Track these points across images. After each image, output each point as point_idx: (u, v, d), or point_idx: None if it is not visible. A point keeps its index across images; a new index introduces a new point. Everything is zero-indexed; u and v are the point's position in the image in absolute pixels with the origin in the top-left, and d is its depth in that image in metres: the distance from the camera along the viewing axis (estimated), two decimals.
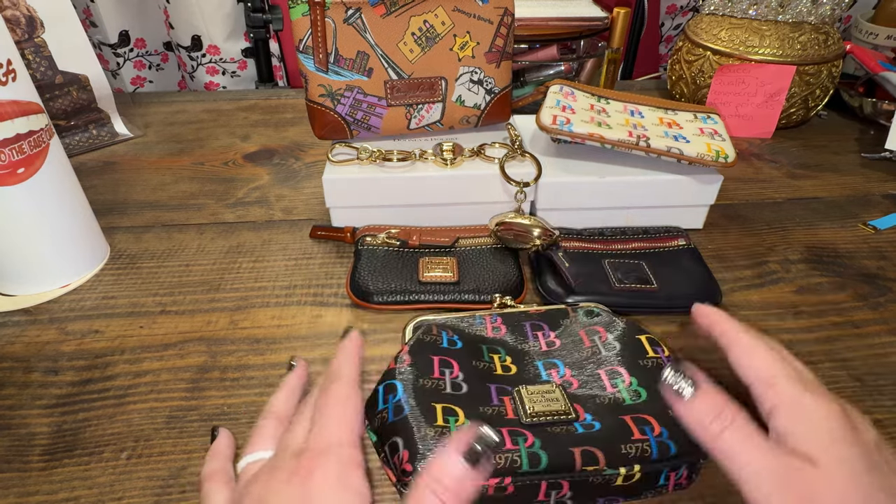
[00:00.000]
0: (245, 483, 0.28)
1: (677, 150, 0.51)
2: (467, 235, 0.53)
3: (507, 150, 0.55)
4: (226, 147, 0.73)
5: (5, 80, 0.42)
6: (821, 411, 0.24)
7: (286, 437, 0.29)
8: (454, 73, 0.54)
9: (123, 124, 0.76)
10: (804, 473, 0.23)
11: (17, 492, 0.34)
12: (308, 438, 0.28)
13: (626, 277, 0.48)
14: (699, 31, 0.76)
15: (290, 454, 0.27)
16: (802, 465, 0.23)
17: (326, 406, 0.29)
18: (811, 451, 0.23)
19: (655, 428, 0.32)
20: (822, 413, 0.24)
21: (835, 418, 0.24)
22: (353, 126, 0.55)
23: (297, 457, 0.27)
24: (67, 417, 0.39)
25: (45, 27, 0.65)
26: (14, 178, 0.44)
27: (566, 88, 0.60)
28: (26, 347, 0.44)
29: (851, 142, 0.76)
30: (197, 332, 0.45)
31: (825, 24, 0.72)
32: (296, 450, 0.27)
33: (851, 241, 0.57)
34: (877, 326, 0.47)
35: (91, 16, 0.97)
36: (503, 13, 0.54)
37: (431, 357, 0.37)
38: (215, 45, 0.98)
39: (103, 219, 0.55)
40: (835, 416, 0.24)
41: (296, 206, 0.61)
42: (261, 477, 0.27)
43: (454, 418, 0.32)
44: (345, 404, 0.29)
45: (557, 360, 0.39)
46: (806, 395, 0.25)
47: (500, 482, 0.30)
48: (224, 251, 0.54)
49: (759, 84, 0.72)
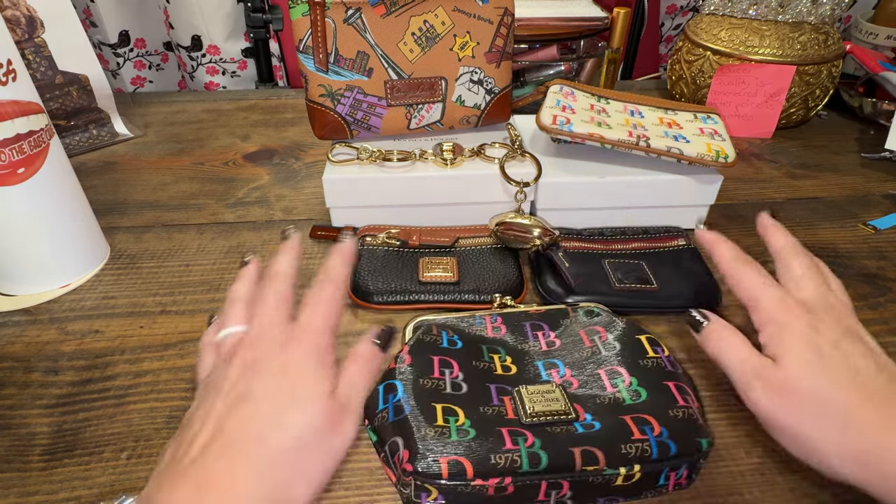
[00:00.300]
0: (232, 347, 0.33)
1: (677, 150, 0.51)
2: (467, 235, 0.53)
3: (507, 150, 0.55)
4: (226, 147, 0.73)
5: (5, 80, 0.42)
6: (788, 326, 0.33)
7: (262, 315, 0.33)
8: (454, 73, 0.54)
9: (123, 124, 0.76)
10: (773, 369, 0.32)
11: (18, 492, 0.34)
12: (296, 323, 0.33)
13: (626, 277, 0.48)
14: (699, 31, 0.76)
15: (277, 330, 0.32)
16: (773, 364, 0.32)
17: (318, 300, 0.33)
18: (778, 354, 0.33)
19: (655, 428, 0.32)
20: (790, 327, 0.33)
21: (798, 329, 0.33)
22: (353, 126, 0.55)
23: (283, 332, 0.32)
24: (68, 417, 0.39)
25: (45, 27, 0.65)
26: (14, 178, 0.44)
27: (566, 88, 0.60)
28: (26, 347, 0.44)
29: (851, 142, 0.76)
30: (197, 332, 0.45)
31: (825, 24, 0.72)
32: (280, 326, 0.32)
33: (851, 241, 0.57)
34: (877, 326, 0.47)
35: (91, 16, 0.97)
36: (503, 13, 0.54)
37: (431, 357, 0.37)
38: (215, 45, 0.98)
39: (103, 219, 0.55)
40: (798, 328, 0.33)
41: (296, 206, 0.61)
42: (246, 343, 0.32)
43: (454, 418, 0.32)
44: (331, 303, 0.34)
45: (557, 360, 0.39)
46: (779, 314, 0.34)
47: (500, 482, 0.30)
48: (224, 251, 0.54)
49: (759, 84, 0.72)
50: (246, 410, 0.29)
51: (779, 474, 0.35)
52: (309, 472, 0.29)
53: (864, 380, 0.31)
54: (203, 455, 0.28)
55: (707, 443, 0.32)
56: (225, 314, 0.36)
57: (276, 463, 0.28)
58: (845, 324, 0.34)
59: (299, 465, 0.29)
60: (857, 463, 0.30)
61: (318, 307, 0.33)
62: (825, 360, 0.32)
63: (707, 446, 0.32)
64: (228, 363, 0.32)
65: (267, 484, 0.27)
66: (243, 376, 0.30)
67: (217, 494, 0.26)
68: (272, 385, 0.30)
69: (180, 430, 0.30)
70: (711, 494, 0.34)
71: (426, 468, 0.30)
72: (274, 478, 0.28)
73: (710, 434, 0.33)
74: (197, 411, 0.31)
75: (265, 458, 0.28)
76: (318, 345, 0.32)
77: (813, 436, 0.31)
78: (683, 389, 0.35)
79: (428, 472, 0.30)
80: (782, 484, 0.35)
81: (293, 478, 0.28)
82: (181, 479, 0.27)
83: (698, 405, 0.36)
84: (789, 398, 0.32)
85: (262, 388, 0.30)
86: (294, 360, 0.31)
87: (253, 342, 0.32)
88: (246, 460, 0.27)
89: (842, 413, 0.30)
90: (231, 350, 0.33)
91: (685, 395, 0.35)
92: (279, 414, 0.29)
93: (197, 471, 0.27)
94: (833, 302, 0.36)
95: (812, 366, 0.32)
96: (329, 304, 0.34)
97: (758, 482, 0.35)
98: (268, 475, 0.28)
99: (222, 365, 0.32)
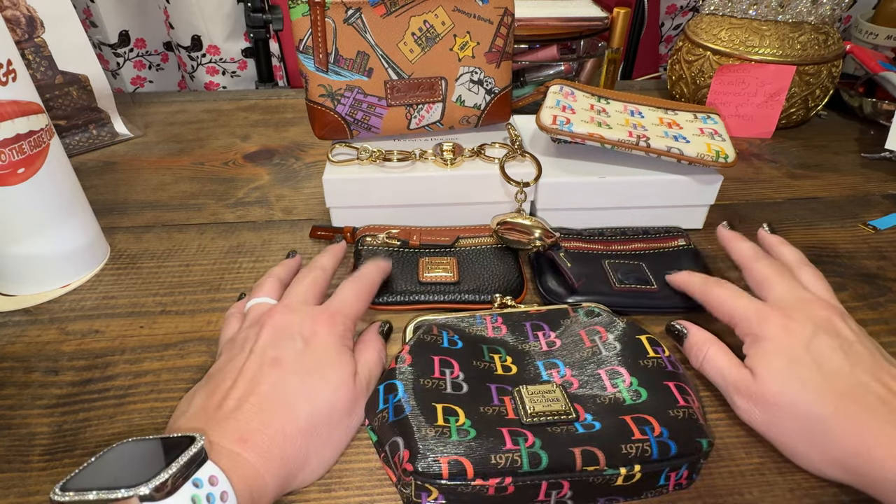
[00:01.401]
0: (260, 315, 0.35)
1: (677, 150, 0.51)
2: (467, 235, 0.53)
3: (507, 150, 0.55)
4: (226, 147, 0.73)
5: (5, 80, 0.42)
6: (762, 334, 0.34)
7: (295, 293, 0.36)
8: (454, 73, 0.54)
9: (123, 124, 0.76)
10: (750, 383, 0.34)
11: (18, 492, 0.34)
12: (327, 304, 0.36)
13: (626, 278, 0.48)
14: (699, 31, 0.76)
15: (307, 309, 0.35)
16: (750, 378, 0.34)
17: (350, 291, 0.37)
18: (754, 366, 0.34)
19: (656, 428, 0.32)
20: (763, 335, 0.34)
21: (770, 335, 0.34)
22: (353, 126, 0.55)
23: (311, 312, 0.34)
24: (68, 417, 0.39)
25: (45, 27, 0.65)
26: (14, 178, 0.44)
27: (566, 88, 0.60)
28: (27, 347, 0.44)
29: (851, 142, 0.76)
30: (197, 332, 0.45)
31: (825, 24, 0.72)
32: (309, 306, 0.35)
33: (851, 241, 0.57)
34: (877, 326, 0.47)
35: (91, 16, 0.97)
36: (503, 13, 0.54)
37: (432, 357, 0.37)
38: (215, 45, 0.98)
39: (103, 219, 0.55)
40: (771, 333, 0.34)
41: (296, 206, 0.61)
42: (280, 309, 0.34)
43: (454, 418, 0.32)
44: (361, 297, 0.37)
45: (558, 360, 0.39)
46: (757, 327, 0.35)
47: (500, 482, 0.30)
48: (224, 251, 0.54)
49: (759, 84, 0.72)
50: (277, 377, 0.31)
51: (779, 474, 0.35)
52: (326, 446, 0.31)
53: (835, 384, 0.31)
54: (239, 409, 0.29)
55: (707, 443, 0.32)
56: (258, 286, 0.39)
57: (302, 432, 0.30)
58: (817, 316, 0.34)
59: (320, 438, 0.31)
60: (843, 468, 0.31)
61: (347, 296, 0.37)
62: (797, 368, 0.32)
63: (707, 446, 0.32)
64: (259, 327, 0.34)
65: (292, 448, 0.29)
66: (273, 344, 0.32)
67: (255, 448, 0.28)
68: (300, 359, 0.32)
69: (206, 381, 0.32)
70: (711, 494, 0.34)
71: (426, 468, 0.30)
72: (298, 445, 0.30)
73: (710, 434, 0.33)
74: (227, 366, 0.32)
75: (294, 424, 0.30)
76: (342, 329, 0.34)
77: (797, 446, 0.32)
78: (684, 389, 0.35)
79: (428, 472, 0.30)
80: (782, 484, 0.35)
81: (312, 448, 0.30)
82: (220, 428, 0.28)
83: (698, 405, 0.36)
84: (768, 412, 0.32)
85: (291, 360, 0.32)
86: (320, 339, 0.33)
87: (282, 314, 0.34)
88: (279, 422, 0.29)
89: (818, 423, 0.31)
90: (259, 318, 0.34)
91: (685, 395, 0.35)
92: (308, 389, 0.31)
93: (238, 422, 0.29)
94: (803, 295, 0.36)
95: (784, 376, 0.32)
96: (358, 294, 0.37)
97: (758, 482, 0.35)
98: (293, 441, 0.29)
99: (250, 328, 0.34)
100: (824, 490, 0.34)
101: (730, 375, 0.35)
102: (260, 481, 0.28)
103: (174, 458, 0.24)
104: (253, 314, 0.36)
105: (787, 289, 0.36)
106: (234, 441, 0.28)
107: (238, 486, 0.26)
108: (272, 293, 0.38)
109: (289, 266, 0.42)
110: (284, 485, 0.30)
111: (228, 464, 0.26)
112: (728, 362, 0.35)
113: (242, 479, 0.27)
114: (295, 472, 0.30)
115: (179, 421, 0.30)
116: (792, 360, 0.33)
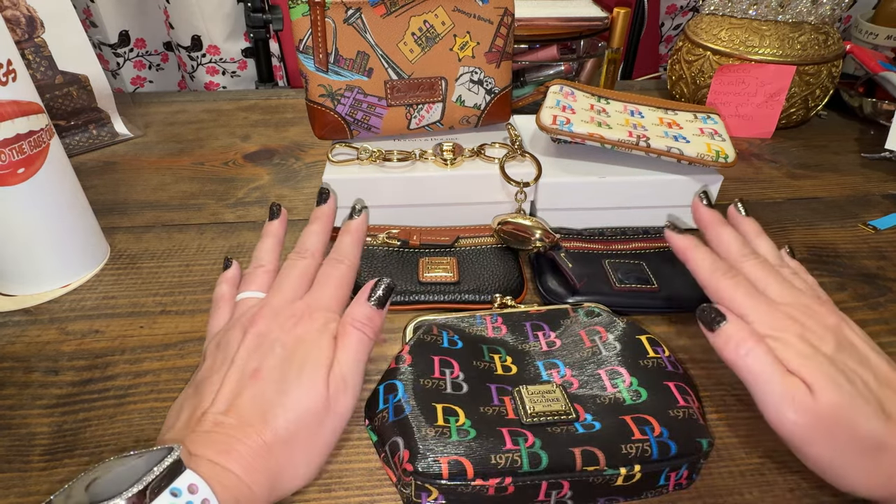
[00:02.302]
0: (246, 312, 0.35)
1: (677, 151, 0.51)
2: (468, 235, 0.53)
3: (507, 150, 0.55)
4: (226, 147, 0.73)
5: (5, 80, 0.42)
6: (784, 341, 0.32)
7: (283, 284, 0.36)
8: (454, 73, 0.54)
9: (123, 124, 0.76)
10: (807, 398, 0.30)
11: (18, 492, 0.34)
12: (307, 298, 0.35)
13: (626, 278, 0.48)
14: (699, 31, 0.76)
15: (290, 305, 0.34)
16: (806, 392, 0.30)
17: (329, 280, 0.36)
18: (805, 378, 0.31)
19: (656, 428, 0.32)
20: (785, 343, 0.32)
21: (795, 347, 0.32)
22: (353, 126, 0.55)
23: (297, 308, 0.34)
24: (68, 417, 0.39)
25: (45, 27, 0.65)
26: (14, 178, 0.44)
27: (566, 88, 0.60)
28: (27, 347, 0.44)
29: (851, 142, 0.76)
30: (197, 332, 0.45)
31: (825, 24, 0.72)
32: (293, 302, 0.35)
33: (851, 241, 0.57)
34: (877, 326, 0.47)
35: (91, 16, 0.97)
36: (503, 13, 0.54)
37: (432, 357, 0.37)
38: (215, 45, 0.98)
39: (103, 219, 0.55)
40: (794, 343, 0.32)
41: (296, 206, 0.61)
42: (265, 314, 0.34)
43: (454, 418, 0.32)
44: (342, 284, 0.36)
45: (558, 360, 0.39)
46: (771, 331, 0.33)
47: (500, 482, 0.30)
48: (224, 251, 0.54)
49: (759, 84, 0.72)
50: (257, 388, 0.31)
51: (779, 474, 0.35)
52: (312, 449, 0.31)
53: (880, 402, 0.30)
54: (220, 424, 0.29)
55: (707, 443, 0.32)
56: (249, 278, 0.38)
57: (283, 441, 0.30)
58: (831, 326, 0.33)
59: (304, 443, 0.31)
60: (886, 488, 0.30)
61: (328, 285, 0.36)
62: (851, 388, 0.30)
63: (707, 446, 0.32)
64: (243, 332, 0.33)
65: (275, 459, 0.29)
66: (254, 353, 0.32)
67: (238, 460, 0.28)
68: (280, 368, 0.32)
69: (195, 391, 0.32)
70: (711, 494, 0.34)
71: (426, 468, 0.30)
72: (281, 454, 0.30)
73: (710, 434, 0.33)
74: (211, 377, 0.32)
75: (273, 435, 0.30)
76: (322, 323, 0.34)
77: (845, 465, 0.30)
78: (684, 389, 0.35)
79: (428, 472, 0.30)
80: (782, 484, 0.35)
81: (298, 454, 0.31)
82: (202, 442, 0.29)
83: (698, 405, 0.36)
84: (825, 430, 0.30)
85: (270, 370, 0.32)
86: (299, 341, 0.33)
87: (266, 319, 0.34)
88: (259, 434, 0.29)
89: (873, 444, 0.30)
90: (248, 318, 0.34)
91: (685, 395, 0.35)
92: (285, 399, 0.31)
93: (219, 436, 0.29)
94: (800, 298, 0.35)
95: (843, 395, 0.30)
96: (339, 281, 0.36)
97: (758, 482, 0.35)
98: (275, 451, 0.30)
99: (236, 330, 0.34)
100: (824, 490, 0.34)
101: (781, 383, 0.31)
102: (246, 491, 0.28)
103: (150, 468, 0.24)
104: (240, 311, 0.36)
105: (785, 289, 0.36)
106: (216, 454, 0.28)
107: (222, 495, 0.26)
108: (262, 287, 0.37)
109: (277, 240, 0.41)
110: (273, 494, 0.30)
111: (210, 473, 0.26)
112: (779, 367, 0.31)
113: (227, 489, 0.27)
114: (283, 480, 0.30)
115: (166, 436, 0.31)
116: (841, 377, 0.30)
